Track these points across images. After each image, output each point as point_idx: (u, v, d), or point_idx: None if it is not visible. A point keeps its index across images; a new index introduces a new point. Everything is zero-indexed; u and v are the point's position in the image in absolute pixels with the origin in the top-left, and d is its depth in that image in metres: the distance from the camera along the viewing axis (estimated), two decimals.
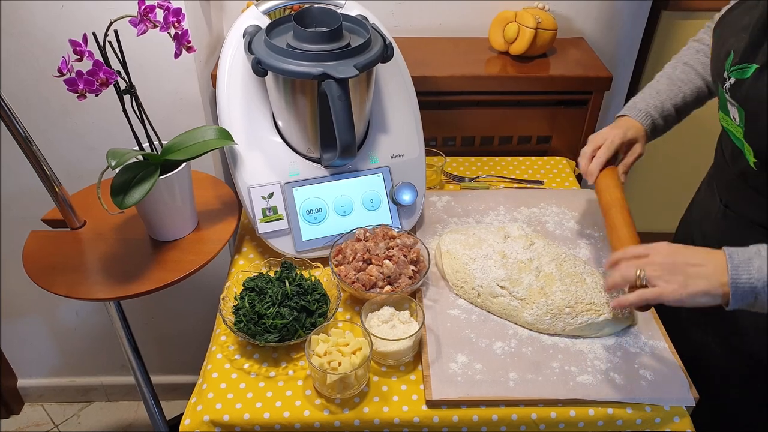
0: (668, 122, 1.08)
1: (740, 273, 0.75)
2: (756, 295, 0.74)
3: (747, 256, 0.76)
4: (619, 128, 1.07)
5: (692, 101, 1.07)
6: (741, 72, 0.84)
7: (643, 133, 1.07)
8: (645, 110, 1.07)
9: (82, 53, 0.83)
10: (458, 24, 1.52)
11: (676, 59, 1.10)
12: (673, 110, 1.07)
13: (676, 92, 1.06)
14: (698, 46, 1.08)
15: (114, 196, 0.93)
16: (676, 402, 0.88)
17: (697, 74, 1.06)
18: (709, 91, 1.07)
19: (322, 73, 0.95)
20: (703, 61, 1.06)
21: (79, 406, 1.95)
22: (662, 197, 2.13)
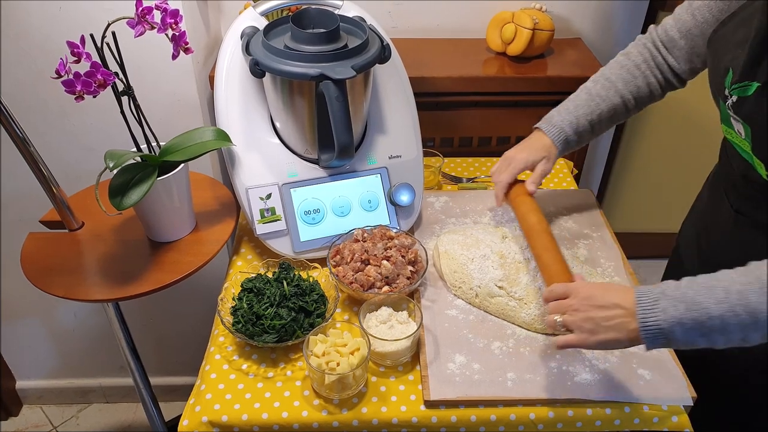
0: (582, 138, 1.09)
1: (647, 317, 0.75)
2: (666, 336, 0.74)
3: (653, 297, 0.75)
4: (524, 151, 1.09)
5: (607, 119, 1.07)
6: (743, 90, 0.83)
7: (554, 150, 1.08)
8: (559, 126, 1.08)
9: (80, 55, 0.84)
10: (455, 25, 1.53)
11: (600, 73, 1.10)
12: (589, 126, 1.07)
13: (593, 108, 1.06)
14: (624, 61, 1.07)
15: (112, 198, 0.93)
16: (673, 401, 0.88)
17: (616, 92, 1.06)
18: (625, 109, 1.07)
19: (320, 74, 0.95)
20: (625, 77, 1.06)
21: (77, 408, 1.95)
22: (663, 197, 2.13)
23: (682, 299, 0.73)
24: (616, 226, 2.24)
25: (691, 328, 0.72)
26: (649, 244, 2.19)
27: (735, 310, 0.70)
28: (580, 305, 0.80)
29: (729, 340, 0.72)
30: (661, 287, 0.76)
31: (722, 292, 0.71)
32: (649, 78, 1.05)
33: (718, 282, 0.73)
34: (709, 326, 0.72)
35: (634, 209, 2.20)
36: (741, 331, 0.71)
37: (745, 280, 0.71)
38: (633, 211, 2.20)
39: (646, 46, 1.06)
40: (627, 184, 2.13)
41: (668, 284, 0.76)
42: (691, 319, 0.72)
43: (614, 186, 2.14)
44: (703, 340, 0.73)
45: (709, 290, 0.72)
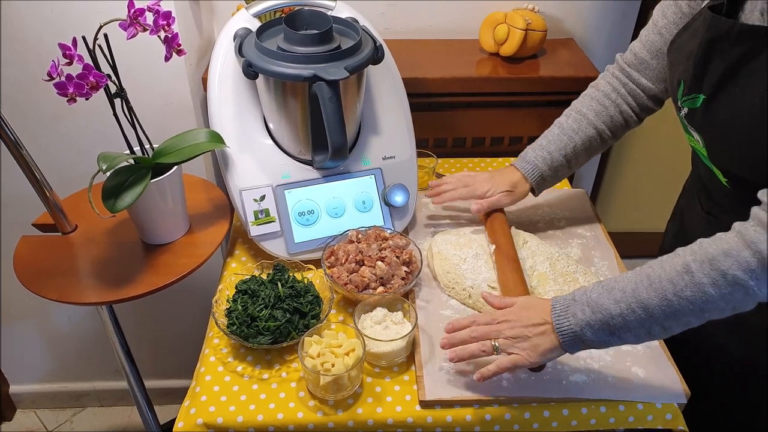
0: (559, 173, 1.10)
1: (561, 323, 0.80)
2: (581, 339, 0.80)
3: (565, 304, 0.81)
4: (488, 182, 1.12)
5: (583, 151, 1.08)
6: (692, 102, 0.85)
7: (524, 187, 1.11)
8: (533, 162, 1.09)
9: (72, 57, 0.83)
10: (448, 26, 1.53)
11: (572, 106, 1.11)
12: (564, 160, 1.08)
13: (566, 142, 1.07)
14: (593, 92, 1.08)
15: (105, 200, 0.93)
16: (667, 399, 0.89)
17: (589, 123, 1.07)
18: (601, 140, 1.08)
19: (313, 75, 0.95)
20: (596, 108, 1.07)
21: (71, 412, 1.94)
22: (656, 197, 2.14)
23: (587, 303, 0.79)
24: (610, 226, 2.25)
25: (599, 329, 0.78)
26: (643, 244, 2.20)
27: (631, 307, 0.76)
28: (512, 327, 0.84)
29: (637, 336, 0.78)
30: (573, 294, 0.82)
31: (619, 292, 0.77)
32: (621, 106, 1.06)
33: (617, 283, 0.79)
34: (613, 325, 0.77)
35: (628, 209, 2.21)
36: (642, 327, 0.76)
37: (637, 278, 0.77)
38: (626, 211, 2.21)
39: (614, 75, 1.07)
40: (620, 184, 2.14)
41: (578, 290, 0.82)
42: (597, 320, 0.78)
43: (608, 186, 2.14)
44: (614, 339, 0.79)
45: (609, 292, 0.78)
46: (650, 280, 0.76)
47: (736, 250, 0.70)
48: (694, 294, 0.72)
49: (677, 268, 0.74)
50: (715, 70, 0.80)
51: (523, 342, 0.82)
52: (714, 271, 0.71)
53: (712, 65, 0.81)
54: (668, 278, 0.74)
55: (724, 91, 0.79)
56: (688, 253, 0.75)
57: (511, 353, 0.83)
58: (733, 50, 0.78)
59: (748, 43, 0.76)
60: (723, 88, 0.80)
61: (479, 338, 0.85)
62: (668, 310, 0.74)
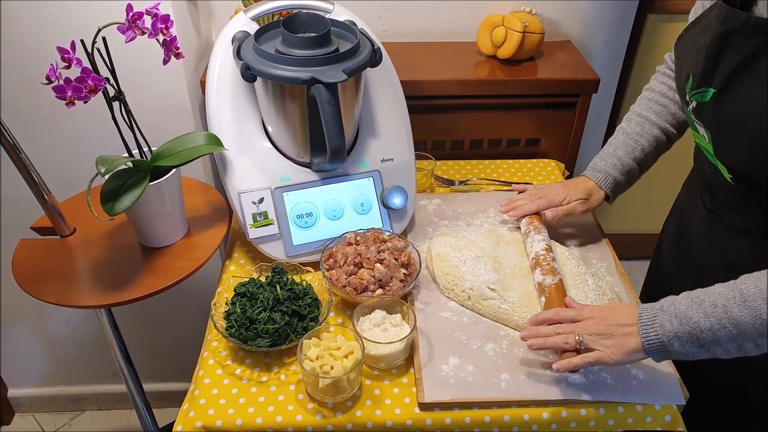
0: (631, 177, 1.11)
1: (648, 332, 0.80)
2: (667, 349, 0.79)
3: (652, 313, 0.81)
4: (565, 188, 1.12)
5: (652, 151, 1.09)
6: (701, 96, 0.85)
7: (598, 194, 1.11)
8: (604, 170, 1.10)
9: (70, 60, 0.83)
10: (446, 28, 1.53)
11: (631, 111, 1.12)
12: (635, 164, 1.09)
13: (633, 146, 1.09)
14: (650, 94, 1.10)
15: (104, 203, 0.93)
16: (666, 401, 0.89)
17: (652, 124, 1.08)
18: (667, 139, 1.09)
19: (311, 78, 0.95)
20: (656, 109, 1.08)
21: (70, 416, 1.94)
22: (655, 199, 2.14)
23: (675, 314, 0.78)
24: (609, 228, 2.25)
25: (687, 341, 0.77)
26: (642, 245, 2.20)
27: (721, 322, 0.74)
28: (597, 325, 0.84)
29: (727, 350, 0.76)
30: (660, 303, 0.81)
31: (710, 306, 0.76)
32: (679, 102, 1.07)
33: (707, 296, 0.77)
34: (702, 339, 0.76)
35: (627, 210, 2.21)
36: (732, 342, 0.75)
37: (730, 294, 0.75)
38: (625, 213, 2.21)
39: (665, 74, 1.09)
40: None
41: (666, 300, 0.81)
42: (686, 333, 0.77)
43: None
44: (702, 352, 0.77)
45: (698, 305, 0.77)
46: (743, 297, 0.74)
47: None
48: None
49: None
50: (727, 63, 0.80)
51: (608, 339, 0.82)
52: None
53: (724, 58, 0.81)
54: (763, 297, 0.73)
55: (734, 85, 0.79)
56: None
57: (595, 349, 0.83)
58: (747, 44, 0.77)
59: (761, 37, 0.75)
60: (734, 82, 0.79)
61: (564, 334, 0.86)
62: (762, 329, 0.73)
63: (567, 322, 0.88)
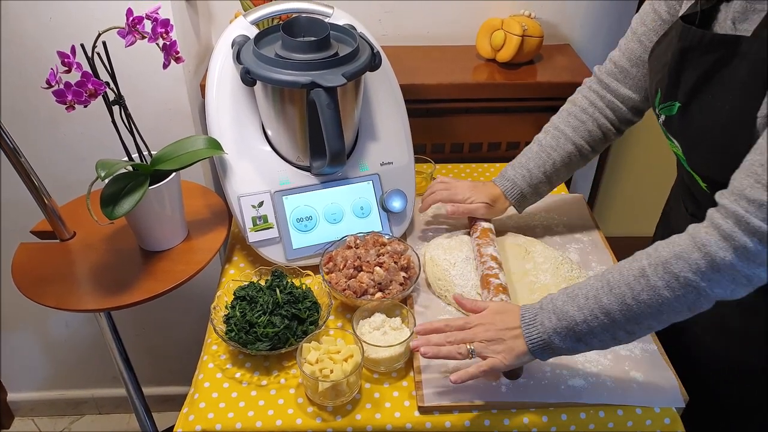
0: (539, 190, 1.11)
1: (531, 332, 0.82)
2: (549, 347, 0.81)
3: (533, 312, 0.82)
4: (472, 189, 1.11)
5: (563, 167, 1.08)
6: (668, 109, 0.86)
7: (502, 203, 1.11)
8: (512, 179, 1.10)
9: (71, 65, 0.84)
10: (446, 32, 1.54)
11: (550, 122, 1.11)
12: (544, 177, 1.08)
13: (545, 159, 1.08)
14: (570, 107, 1.09)
15: (104, 207, 0.93)
16: (666, 403, 0.89)
17: (567, 139, 1.07)
18: (581, 155, 1.08)
19: (311, 81, 0.96)
20: (573, 124, 1.07)
21: (70, 420, 1.94)
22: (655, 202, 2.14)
23: (553, 311, 0.80)
24: (608, 231, 2.25)
25: (566, 335, 0.79)
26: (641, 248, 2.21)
27: (594, 313, 0.77)
28: (486, 331, 0.84)
29: (602, 341, 0.79)
30: (540, 302, 0.83)
31: (582, 298, 0.78)
32: (599, 120, 1.06)
33: (580, 290, 0.79)
34: (579, 332, 0.78)
35: (626, 213, 2.21)
36: (606, 332, 0.77)
37: (598, 284, 0.78)
38: (625, 216, 2.21)
39: (591, 88, 1.08)
40: (618, 188, 2.14)
41: (545, 298, 0.83)
42: (563, 327, 0.79)
43: (605, 190, 2.15)
44: (581, 346, 0.80)
45: (573, 299, 0.79)
46: (610, 286, 0.76)
47: (687, 252, 0.71)
48: (651, 297, 0.73)
49: (634, 273, 0.75)
50: (688, 78, 0.82)
51: (498, 345, 0.83)
52: (667, 273, 0.72)
53: (685, 74, 0.82)
54: (626, 283, 0.75)
55: (697, 98, 0.81)
56: (644, 256, 0.76)
57: (487, 357, 0.84)
58: (705, 59, 0.79)
59: (719, 52, 0.77)
60: (697, 95, 0.81)
61: (455, 343, 0.86)
62: (628, 314, 0.75)
63: (456, 330, 0.87)
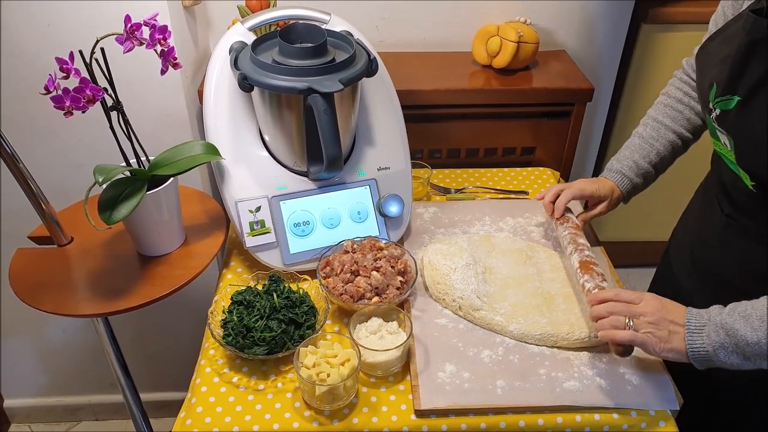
0: (647, 179, 1.13)
1: (694, 339, 0.81)
2: (711, 359, 0.81)
3: (701, 322, 0.82)
4: (594, 183, 1.13)
5: (668, 155, 1.11)
6: (725, 103, 0.86)
7: (618, 194, 1.13)
8: (620, 171, 1.12)
9: (69, 71, 0.84)
10: (442, 39, 1.55)
11: (647, 115, 1.14)
12: (650, 167, 1.11)
13: (648, 150, 1.11)
14: (665, 99, 1.12)
15: (101, 212, 0.94)
16: (660, 406, 0.89)
17: (667, 129, 1.10)
18: (683, 143, 1.11)
19: (308, 87, 0.96)
20: (671, 114, 1.10)
21: (66, 426, 1.93)
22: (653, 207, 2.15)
23: (722, 326, 0.79)
24: (607, 236, 2.26)
25: (733, 352, 0.79)
26: (639, 253, 2.21)
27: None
28: (653, 313, 0.85)
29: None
30: (708, 313, 0.82)
31: (757, 320, 0.77)
32: (696, 108, 1.08)
33: (754, 310, 0.78)
34: (748, 352, 0.77)
35: (624, 218, 2.22)
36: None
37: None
38: (623, 221, 2.22)
39: (681, 79, 1.11)
40: None
41: (713, 310, 0.82)
42: (732, 344, 0.78)
43: None
44: (747, 363, 0.79)
45: (746, 319, 0.78)
46: None
47: None
48: None
49: None
50: (753, 72, 0.82)
51: (658, 330, 0.83)
52: None
53: (750, 67, 0.82)
54: None
55: (760, 93, 0.81)
56: None
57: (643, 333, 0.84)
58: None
59: None
60: (760, 90, 0.81)
61: (616, 314, 0.86)
62: None
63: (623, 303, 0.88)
